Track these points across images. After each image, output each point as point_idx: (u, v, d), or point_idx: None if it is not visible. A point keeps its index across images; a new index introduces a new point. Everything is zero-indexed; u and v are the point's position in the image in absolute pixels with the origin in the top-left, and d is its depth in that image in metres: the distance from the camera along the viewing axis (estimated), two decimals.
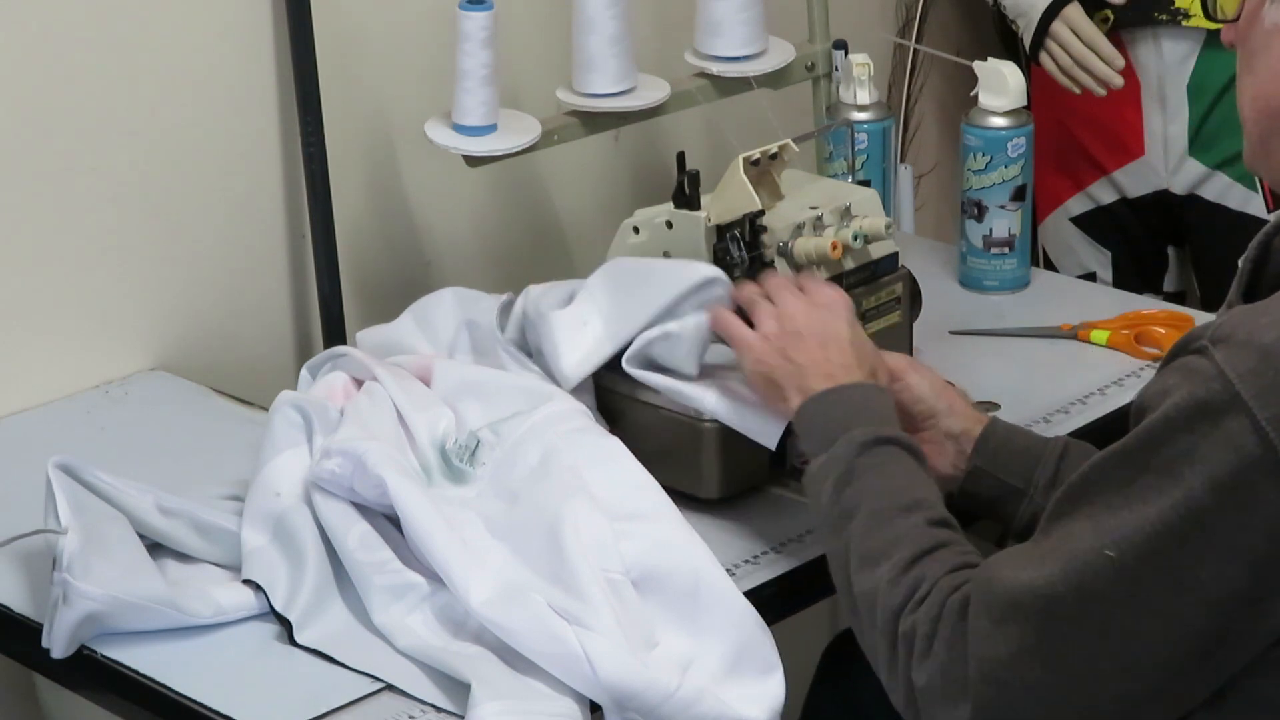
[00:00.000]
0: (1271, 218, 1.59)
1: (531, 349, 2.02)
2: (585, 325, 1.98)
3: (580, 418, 1.91)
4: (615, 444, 1.87)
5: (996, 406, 2.16)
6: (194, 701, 1.72)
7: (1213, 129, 2.81)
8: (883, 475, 1.72)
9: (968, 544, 1.66)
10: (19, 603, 1.87)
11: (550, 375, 1.98)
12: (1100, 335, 2.33)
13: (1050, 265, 3.02)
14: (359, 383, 1.99)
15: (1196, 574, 1.47)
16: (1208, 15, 1.68)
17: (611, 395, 1.99)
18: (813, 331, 1.83)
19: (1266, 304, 1.52)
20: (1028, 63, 2.84)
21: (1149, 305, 2.46)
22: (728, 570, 1.79)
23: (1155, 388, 1.52)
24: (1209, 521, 1.46)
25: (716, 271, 1.95)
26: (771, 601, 1.83)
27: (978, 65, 2.49)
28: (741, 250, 2.04)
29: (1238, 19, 1.63)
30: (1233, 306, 1.59)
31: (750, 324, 1.88)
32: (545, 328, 1.98)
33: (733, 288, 1.94)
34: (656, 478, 1.85)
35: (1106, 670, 1.51)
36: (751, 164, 2.03)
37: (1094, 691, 1.51)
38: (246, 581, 1.83)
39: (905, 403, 1.89)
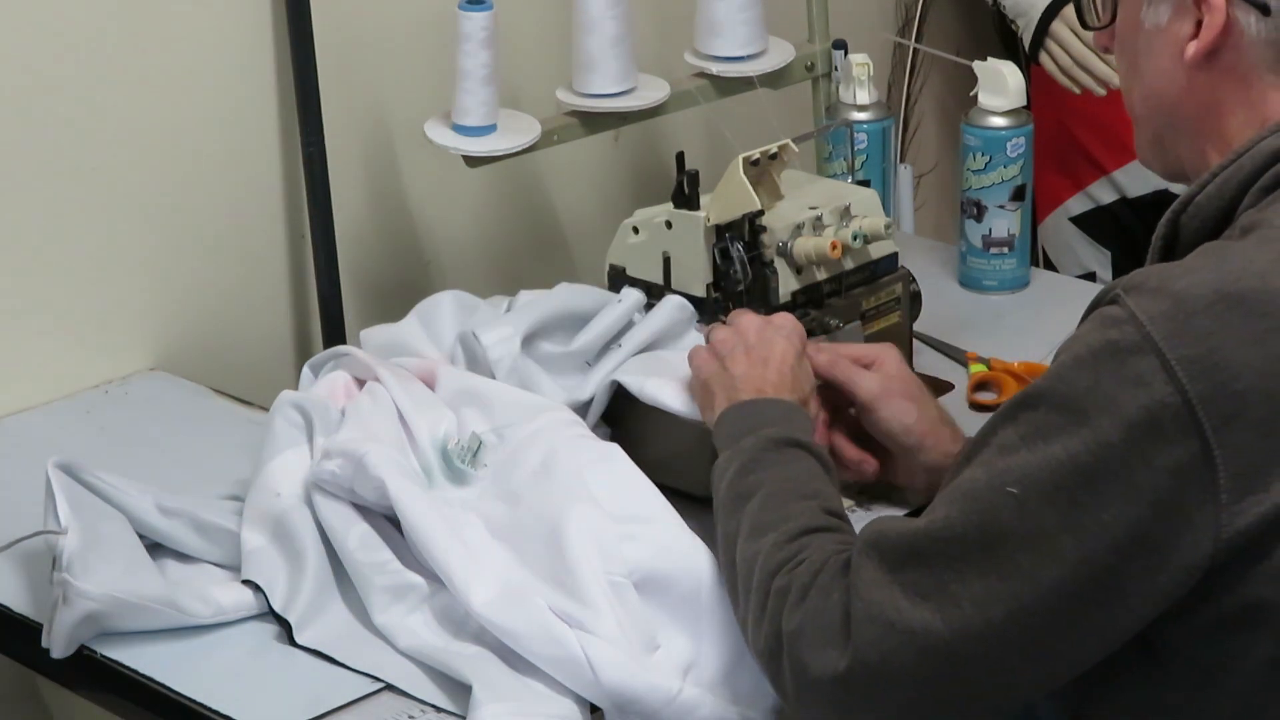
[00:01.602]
0: (1180, 195, 1.61)
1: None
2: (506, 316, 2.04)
3: (580, 426, 1.92)
4: (616, 450, 1.87)
5: (950, 386, 2.19)
6: (194, 701, 1.72)
7: None
8: (786, 468, 1.73)
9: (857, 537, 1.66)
10: (19, 603, 1.87)
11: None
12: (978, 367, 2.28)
13: (1050, 265, 3.03)
14: (361, 382, 2.00)
15: (1100, 514, 1.46)
16: (1083, 24, 1.71)
17: (614, 398, 1.99)
18: (757, 348, 1.85)
19: (1179, 261, 1.54)
20: (1028, 63, 2.84)
21: None
22: None
23: (1069, 338, 1.53)
24: (1116, 460, 1.45)
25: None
26: None
27: (977, 65, 2.49)
28: (741, 250, 2.04)
29: (1111, 23, 1.67)
30: None
31: None
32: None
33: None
34: (659, 479, 1.85)
35: (1000, 614, 1.49)
36: (751, 164, 2.03)
37: (985, 635, 1.50)
38: (246, 581, 1.83)
39: (877, 436, 1.92)
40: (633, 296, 2.06)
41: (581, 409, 1.97)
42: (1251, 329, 1.46)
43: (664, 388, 1.92)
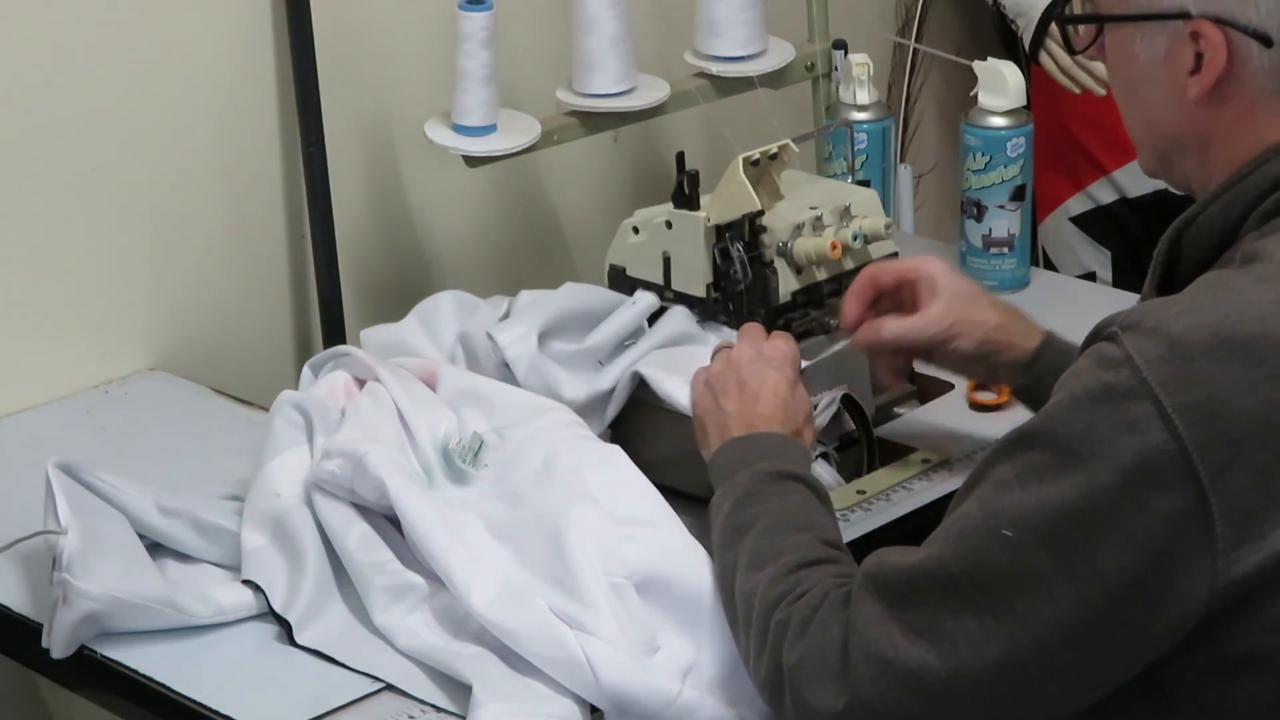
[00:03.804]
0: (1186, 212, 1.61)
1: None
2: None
3: (581, 427, 1.92)
4: (617, 451, 1.87)
5: (950, 387, 2.18)
6: (194, 701, 1.72)
7: None
8: (782, 501, 1.73)
9: (857, 568, 1.64)
10: (19, 603, 1.87)
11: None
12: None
13: (1050, 265, 3.03)
14: (361, 382, 2.00)
15: (1093, 560, 1.45)
16: (1069, 49, 1.68)
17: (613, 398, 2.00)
18: (747, 382, 1.85)
19: (1178, 296, 1.52)
20: (1028, 63, 2.84)
21: None
22: None
23: (1068, 372, 1.52)
24: (1110, 506, 1.44)
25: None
26: None
27: (977, 65, 2.49)
28: (741, 250, 2.04)
29: (1093, 44, 1.64)
30: (1146, 300, 1.59)
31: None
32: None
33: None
34: (660, 479, 1.85)
35: (994, 655, 1.49)
36: (751, 164, 2.03)
37: (980, 675, 1.49)
38: (246, 581, 1.83)
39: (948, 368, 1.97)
40: (646, 300, 2.05)
41: (601, 400, 1.97)
42: (1249, 375, 1.44)
43: (683, 388, 1.92)
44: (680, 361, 1.96)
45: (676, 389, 1.92)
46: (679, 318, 2.04)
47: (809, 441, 1.86)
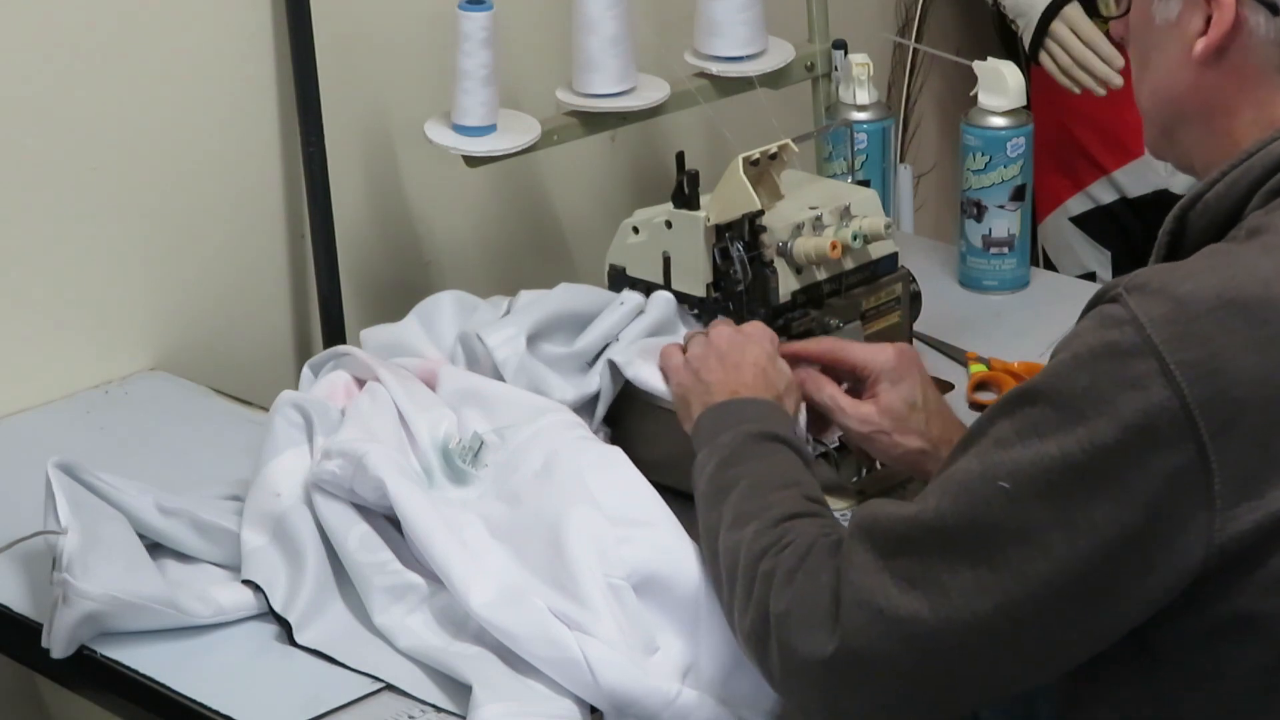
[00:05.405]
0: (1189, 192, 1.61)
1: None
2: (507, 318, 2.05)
3: (582, 428, 1.92)
4: (617, 453, 1.87)
5: (950, 386, 2.20)
6: (194, 701, 1.72)
7: None
8: (766, 461, 1.74)
9: (840, 523, 1.66)
10: (19, 603, 1.87)
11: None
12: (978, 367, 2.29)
13: (1050, 265, 3.03)
14: (361, 382, 2.00)
15: (1091, 514, 1.46)
16: (1099, 13, 1.70)
17: (614, 399, 1.99)
18: (728, 355, 1.87)
19: (1182, 262, 1.53)
20: (1028, 63, 2.84)
21: None
22: None
23: (1069, 334, 1.53)
24: (1110, 462, 1.45)
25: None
26: None
27: (977, 65, 2.49)
28: (741, 250, 2.04)
29: (1126, 13, 1.66)
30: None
31: None
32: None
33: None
34: (659, 479, 1.85)
35: (987, 607, 1.49)
36: (751, 164, 2.03)
37: (971, 625, 1.50)
38: (246, 581, 1.83)
39: (880, 407, 1.92)
40: (634, 300, 2.06)
41: (590, 402, 1.98)
42: (1253, 336, 1.45)
43: (650, 369, 1.93)
44: (653, 349, 1.97)
45: (648, 374, 1.94)
46: (662, 303, 2.04)
47: (792, 409, 1.87)
